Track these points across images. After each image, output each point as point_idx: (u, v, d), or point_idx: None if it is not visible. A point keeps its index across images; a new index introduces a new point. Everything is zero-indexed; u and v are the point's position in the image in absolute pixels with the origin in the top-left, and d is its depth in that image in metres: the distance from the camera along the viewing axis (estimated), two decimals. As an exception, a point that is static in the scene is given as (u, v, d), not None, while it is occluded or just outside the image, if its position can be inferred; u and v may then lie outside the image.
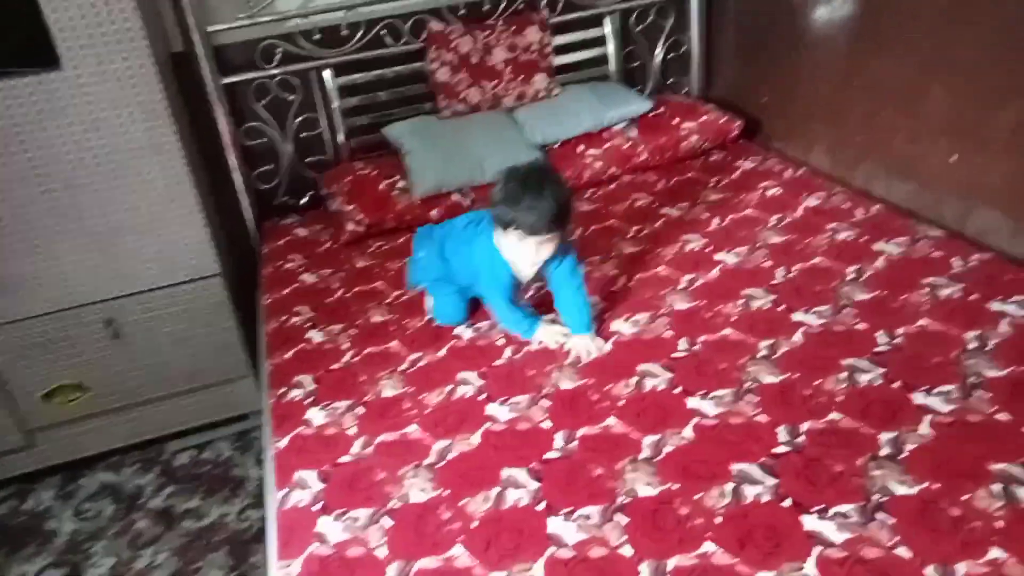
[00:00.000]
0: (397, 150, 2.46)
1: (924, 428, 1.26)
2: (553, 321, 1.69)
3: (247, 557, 1.96)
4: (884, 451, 1.23)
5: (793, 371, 1.46)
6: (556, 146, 2.46)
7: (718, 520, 1.16)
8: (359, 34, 2.44)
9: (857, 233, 1.93)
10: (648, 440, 1.34)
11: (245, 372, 2.38)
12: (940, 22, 1.86)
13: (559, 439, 1.37)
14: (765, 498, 1.18)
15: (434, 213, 2.31)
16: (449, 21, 2.52)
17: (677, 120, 2.53)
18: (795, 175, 2.33)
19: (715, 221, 2.12)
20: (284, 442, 1.49)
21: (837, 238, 1.93)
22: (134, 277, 2.17)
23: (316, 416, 1.55)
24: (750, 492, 1.19)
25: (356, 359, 1.73)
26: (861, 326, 1.56)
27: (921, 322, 1.54)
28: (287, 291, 2.07)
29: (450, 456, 1.38)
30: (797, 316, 1.63)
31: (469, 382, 1.57)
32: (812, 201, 2.14)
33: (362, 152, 2.58)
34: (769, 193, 2.23)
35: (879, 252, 1.83)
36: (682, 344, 1.59)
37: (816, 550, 1.09)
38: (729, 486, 1.21)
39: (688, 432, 1.34)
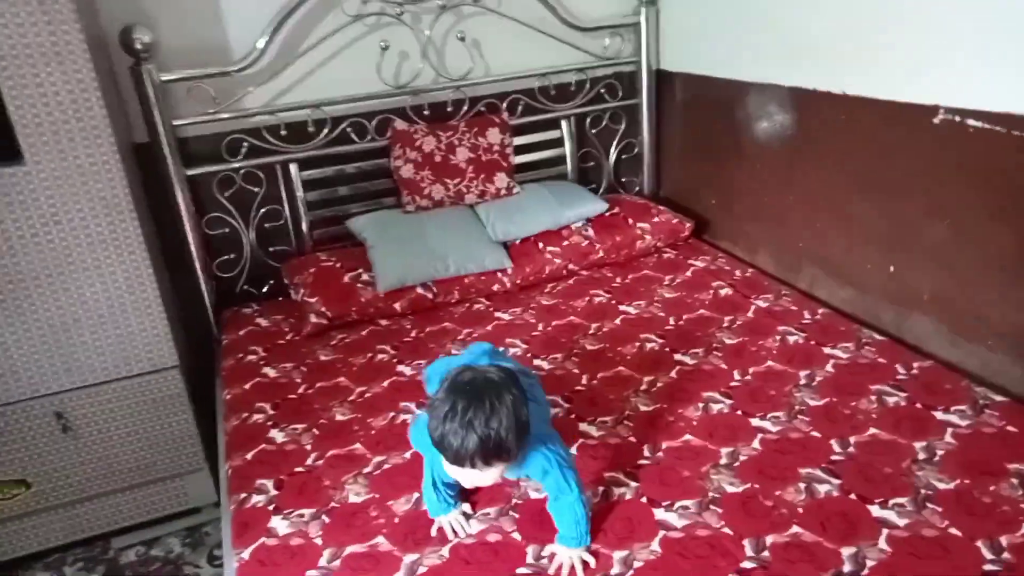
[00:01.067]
0: (361, 242, 2.49)
1: (882, 543, 1.32)
2: (467, 515, 1.48)
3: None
4: (847, 567, 1.27)
5: (754, 480, 1.51)
6: (517, 242, 2.53)
7: (691, 639, 1.18)
8: (324, 131, 2.50)
9: (806, 337, 2.03)
10: (618, 556, 1.36)
11: (199, 465, 2.32)
12: (867, 146, 2.02)
13: (530, 553, 1.38)
14: (736, 616, 1.21)
15: (397, 306, 2.34)
16: (413, 120, 2.60)
17: (631, 220, 2.64)
18: (744, 275, 2.44)
19: (671, 320, 2.20)
20: (246, 554, 1.45)
21: (788, 341, 2.02)
22: (88, 370, 2.11)
23: (280, 525, 1.52)
24: (721, 610, 1.22)
25: (320, 462, 1.71)
26: (815, 433, 1.63)
27: (872, 430, 1.62)
28: (248, 386, 2.05)
29: (420, 571, 1.36)
30: (755, 422, 1.69)
31: (437, 489, 1.57)
32: (761, 302, 2.24)
33: (324, 243, 2.61)
34: (721, 293, 2.33)
35: (828, 356, 1.92)
36: (646, 451, 1.63)
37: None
38: (700, 603, 1.24)
39: (656, 546, 1.37)
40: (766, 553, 1.32)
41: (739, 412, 1.74)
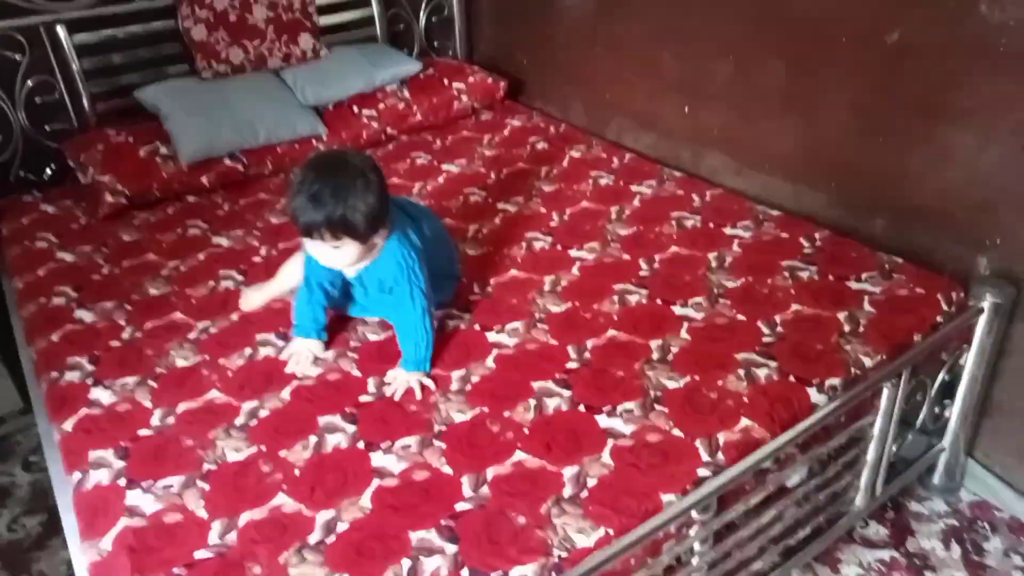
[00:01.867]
0: (155, 114, 2.28)
1: (684, 333, 1.50)
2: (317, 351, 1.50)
3: (28, 566, 1.77)
4: (655, 355, 1.44)
5: (574, 300, 1.63)
6: (330, 107, 2.44)
7: (526, 431, 1.29)
8: (96, -15, 2.22)
9: (614, 179, 2.17)
10: (456, 375, 1.43)
11: (-5, 370, 2.11)
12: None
13: (371, 384, 1.42)
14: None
15: (205, 180, 2.20)
16: (202, -25, 2.37)
17: (447, 81, 2.62)
18: (558, 131, 2.53)
19: (492, 175, 2.26)
20: (69, 425, 1.37)
21: (599, 184, 2.15)
22: None
23: (102, 395, 1.44)
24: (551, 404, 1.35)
25: (138, 334, 1.62)
26: (626, 256, 1.78)
27: (673, 248, 1.80)
28: (42, 272, 1.87)
29: (262, 414, 1.36)
30: (573, 253, 1.81)
31: (271, 343, 1.55)
32: (575, 153, 2.36)
33: (111, 119, 2.35)
34: (538, 147, 2.42)
35: (634, 193, 2.08)
36: (476, 288, 1.70)
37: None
38: (532, 401, 1.35)
39: (491, 362, 1.46)
40: (588, 354, 1.46)
41: (558, 247, 1.85)
